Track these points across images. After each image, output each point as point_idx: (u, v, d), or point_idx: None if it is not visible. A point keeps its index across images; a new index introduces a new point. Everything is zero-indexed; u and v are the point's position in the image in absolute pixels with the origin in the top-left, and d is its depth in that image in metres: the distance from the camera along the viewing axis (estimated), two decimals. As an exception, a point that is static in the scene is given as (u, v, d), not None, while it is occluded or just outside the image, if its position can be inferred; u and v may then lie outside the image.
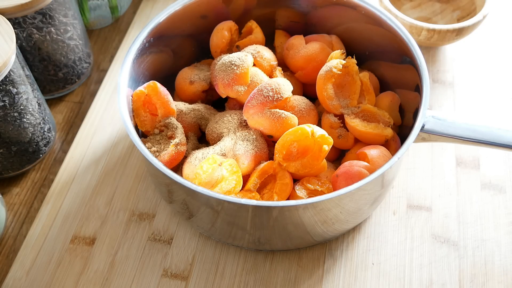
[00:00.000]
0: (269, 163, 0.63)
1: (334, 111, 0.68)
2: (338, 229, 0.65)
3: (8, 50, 0.63)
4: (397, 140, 0.68)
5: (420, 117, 0.61)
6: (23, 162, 0.73)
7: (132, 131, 0.61)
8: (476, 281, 0.66)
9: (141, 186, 0.73)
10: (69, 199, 0.72)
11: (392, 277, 0.66)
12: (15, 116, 0.68)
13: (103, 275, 0.66)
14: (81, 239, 0.69)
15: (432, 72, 0.85)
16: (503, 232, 0.69)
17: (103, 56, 0.90)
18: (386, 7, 0.82)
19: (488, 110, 0.81)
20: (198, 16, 0.74)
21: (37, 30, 0.73)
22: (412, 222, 0.70)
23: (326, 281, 0.65)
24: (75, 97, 0.85)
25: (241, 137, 0.65)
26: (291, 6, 0.77)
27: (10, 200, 0.74)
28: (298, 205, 0.56)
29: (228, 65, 0.67)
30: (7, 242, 0.70)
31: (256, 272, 0.66)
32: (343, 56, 0.68)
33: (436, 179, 0.74)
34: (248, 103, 0.65)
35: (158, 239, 0.69)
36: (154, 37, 0.70)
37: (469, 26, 0.79)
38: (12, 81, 0.66)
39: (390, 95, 0.70)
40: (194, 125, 0.71)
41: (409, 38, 0.67)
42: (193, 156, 0.64)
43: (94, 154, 0.77)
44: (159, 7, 0.95)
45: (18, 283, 0.66)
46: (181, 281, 0.66)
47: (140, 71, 0.70)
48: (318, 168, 0.64)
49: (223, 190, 0.60)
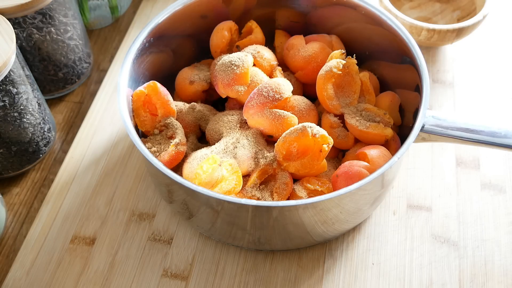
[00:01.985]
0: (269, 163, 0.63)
1: (334, 111, 0.68)
2: (338, 229, 0.65)
3: (8, 50, 0.63)
4: (397, 140, 0.68)
5: (420, 117, 0.61)
6: (23, 162, 0.73)
7: (132, 131, 0.61)
8: (476, 281, 0.66)
9: (141, 186, 0.73)
10: (69, 199, 0.72)
11: (392, 277, 0.66)
12: (15, 116, 0.68)
13: (103, 275, 0.66)
14: (81, 239, 0.69)
15: (432, 72, 0.85)
16: (503, 232, 0.69)
17: (103, 56, 0.90)
18: (386, 7, 0.82)
19: (488, 110, 0.81)
20: (198, 16, 0.74)
21: (37, 30, 0.73)
22: (412, 222, 0.70)
23: (326, 281, 0.65)
24: (75, 97, 0.85)
25: (241, 137, 0.65)
26: (291, 6, 0.77)
27: (10, 200, 0.74)
28: (298, 205, 0.56)
29: (228, 65, 0.67)
30: (7, 242, 0.70)
31: (256, 272, 0.66)
32: (343, 56, 0.68)
33: (436, 179, 0.74)
34: (248, 103, 0.65)
35: (158, 239, 0.69)
36: (154, 37, 0.70)
37: (469, 26, 0.79)
38: (12, 81, 0.66)
39: (390, 95, 0.70)
40: (194, 125, 0.71)
41: (409, 38, 0.67)
42: (193, 156, 0.64)
43: (94, 154, 0.77)
44: (159, 7, 0.95)
45: (18, 283, 0.66)
46: (181, 281, 0.66)
47: (140, 71, 0.70)
48: (318, 168, 0.64)
49: (223, 190, 0.60)
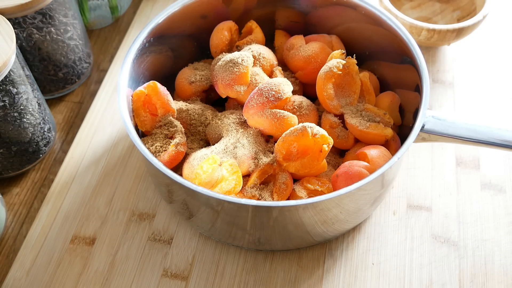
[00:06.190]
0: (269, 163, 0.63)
1: (334, 111, 0.68)
2: (338, 229, 0.65)
3: (8, 50, 0.63)
4: (397, 140, 0.68)
5: (420, 117, 0.61)
6: (23, 162, 0.73)
7: (132, 131, 0.61)
8: (476, 281, 0.66)
9: (141, 186, 0.73)
10: (69, 199, 0.72)
11: (392, 277, 0.66)
12: (15, 116, 0.68)
13: (103, 275, 0.66)
14: (81, 239, 0.69)
15: (432, 72, 0.85)
16: (503, 232, 0.69)
17: (103, 56, 0.90)
18: (386, 7, 0.82)
19: (488, 110, 0.81)
20: (198, 16, 0.74)
21: (37, 30, 0.73)
22: (412, 222, 0.70)
23: (326, 281, 0.65)
24: (75, 97, 0.85)
25: (241, 137, 0.65)
26: (291, 6, 0.77)
27: (10, 200, 0.74)
28: (298, 205, 0.56)
29: (228, 65, 0.67)
30: (7, 242, 0.70)
31: (256, 272, 0.66)
32: (343, 56, 0.68)
33: (436, 179, 0.74)
34: (248, 103, 0.65)
35: (158, 239, 0.69)
36: (154, 37, 0.70)
37: (469, 26, 0.79)
38: (12, 81, 0.66)
39: (390, 95, 0.70)
40: (194, 125, 0.71)
41: (409, 38, 0.67)
42: (193, 156, 0.64)
43: (94, 154, 0.77)
44: (159, 7, 0.95)
45: (18, 283, 0.66)
46: (181, 281, 0.66)
47: (140, 71, 0.70)
48: (318, 168, 0.64)
49: (223, 190, 0.60)
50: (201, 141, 0.71)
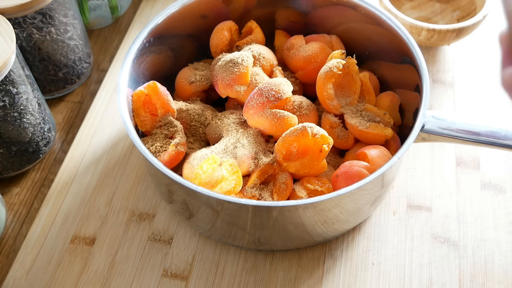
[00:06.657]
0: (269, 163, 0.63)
1: (334, 111, 0.68)
2: (338, 229, 0.65)
3: (8, 50, 0.63)
4: (397, 140, 0.68)
5: (420, 117, 0.61)
6: (23, 162, 0.73)
7: (132, 131, 0.61)
8: (476, 281, 0.66)
9: (141, 186, 0.73)
10: (69, 199, 0.72)
11: (392, 277, 0.66)
12: (15, 116, 0.68)
13: (103, 275, 0.66)
14: (81, 239, 0.69)
15: (432, 72, 0.85)
16: (503, 232, 0.69)
17: (103, 56, 0.90)
18: (386, 7, 0.82)
19: (488, 110, 0.81)
20: (198, 16, 0.74)
21: (37, 30, 0.73)
22: (412, 222, 0.70)
23: (326, 281, 0.65)
24: (75, 97, 0.85)
25: (241, 137, 0.65)
26: (291, 6, 0.77)
27: (10, 200, 0.74)
28: (298, 205, 0.56)
29: (228, 65, 0.67)
30: (7, 242, 0.70)
31: (256, 272, 0.66)
32: (343, 56, 0.68)
33: (436, 179, 0.74)
34: (248, 103, 0.65)
35: (158, 239, 0.69)
36: (154, 37, 0.70)
37: (469, 26, 0.79)
38: (12, 81, 0.66)
39: (390, 95, 0.70)
40: (194, 125, 0.71)
41: (409, 38, 0.67)
42: (193, 156, 0.64)
43: (94, 154, 0.77)
44: (159, 7, 0.95)
45: (18, 283, 0.66)
46: (181, 281, 0.66)
47: (140, 71, 0.70)
48: (318, 168, 0.64)
49: (223, 190, 0.60)
50: (201, 141, 0.71)
